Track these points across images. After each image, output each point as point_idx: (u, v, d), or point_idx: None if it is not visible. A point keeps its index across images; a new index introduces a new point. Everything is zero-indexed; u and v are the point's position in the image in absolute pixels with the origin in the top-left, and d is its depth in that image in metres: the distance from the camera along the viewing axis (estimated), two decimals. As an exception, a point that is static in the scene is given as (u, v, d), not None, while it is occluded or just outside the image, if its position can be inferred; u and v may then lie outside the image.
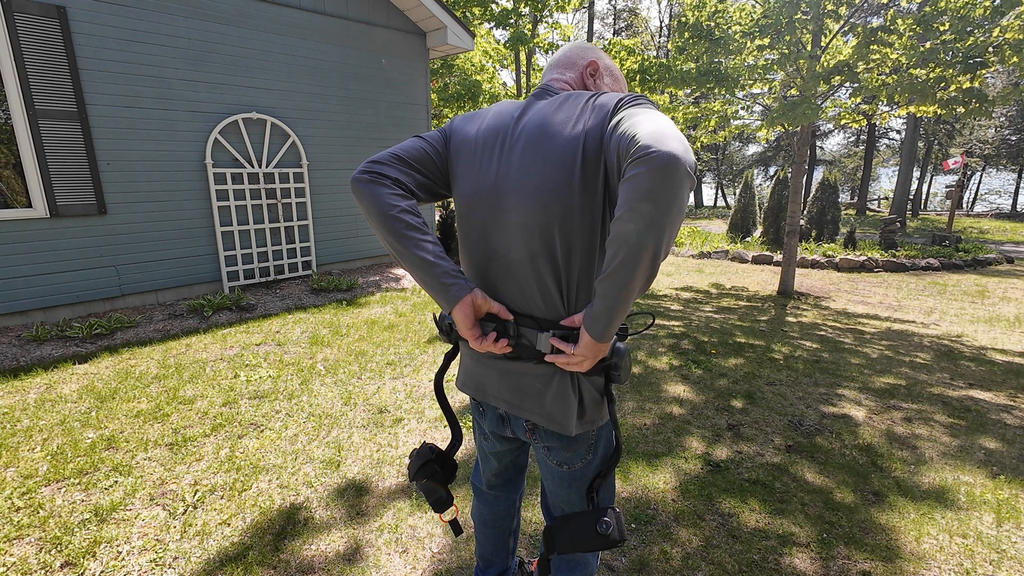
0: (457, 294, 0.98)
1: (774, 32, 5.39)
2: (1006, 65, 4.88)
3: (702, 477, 2.33)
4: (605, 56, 1.19)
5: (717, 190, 39.51)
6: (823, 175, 11.54)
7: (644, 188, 0.75)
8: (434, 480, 1.18)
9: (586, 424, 1.07)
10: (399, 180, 1.01)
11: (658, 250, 0.79)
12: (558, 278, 0.99)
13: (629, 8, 31.57)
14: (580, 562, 1.28)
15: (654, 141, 0.75)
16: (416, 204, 1.03)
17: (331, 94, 6.06)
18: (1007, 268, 9.38)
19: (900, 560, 1.85)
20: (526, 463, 1.47)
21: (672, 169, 0.74)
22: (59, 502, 2.08)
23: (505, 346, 1.02)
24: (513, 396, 1.10)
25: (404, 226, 0.96)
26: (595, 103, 0.96)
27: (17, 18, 3.97)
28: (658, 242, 0.78)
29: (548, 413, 1.05)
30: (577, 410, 1.05)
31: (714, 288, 6.96)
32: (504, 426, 1.20)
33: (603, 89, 1.16)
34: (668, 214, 0.76)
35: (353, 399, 3.05)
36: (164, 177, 4.89)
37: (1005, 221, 21.77)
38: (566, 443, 1.10)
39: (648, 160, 0.74)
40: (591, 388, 1.05)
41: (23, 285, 4.22)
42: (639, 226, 0.77)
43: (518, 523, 1.58)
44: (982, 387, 3.57)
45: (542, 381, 1.05)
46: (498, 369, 1.11)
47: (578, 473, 1.14)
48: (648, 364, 3.74)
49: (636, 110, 0.88)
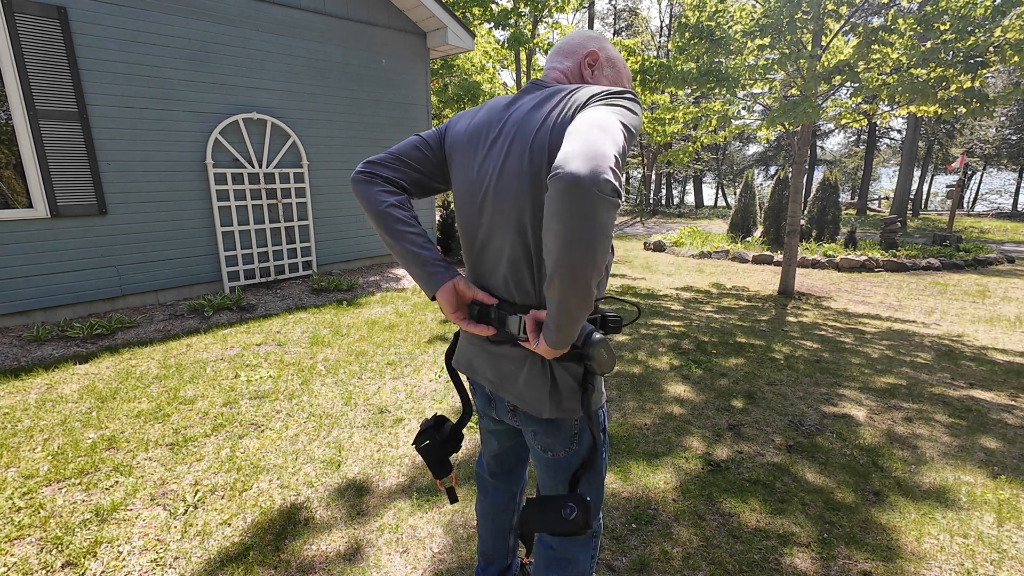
0: (437, 281, 1.05)
1: (775, 32, 5.38)
2: (1007, 65, 4.88)
3: (702, 477, 2.33)
4: (608, 46, 1.17)
5: (717, 190, 39.53)
6: (824, 175, 11.53)
7: (552, 208, 0.75)
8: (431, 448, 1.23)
9: (564, 411, 1.07)
10: (390, 178, 1.10)
11: (578, 271, 0.77)
12: (531, 269, 1.02)
13: (629, 8, 31.57)
14: (570, 560, 1.27)
15: (564, 161, 0.74)
16: (407, 200, 1.11)
17: (331, 94, 6.06)
18: (1008, 268, 9.37)
19: (901, 560, 1.85)
20: (527, 456, 1.47)
21: (571, 192, 0.73)
22: (60, 502, 2.08)
23: (488, 330, 1.07)
24: (495, 376, 1.15)
25: (392, 220, 1.06)
26: (572, 97, 0.96)
27: (17, 18, 3.97)
28: (574, 262, 0.77)
29: (520, 393, 1.09)
30: (551, 394, 1.06)
31: (714, 288, 6.96)
32: (491, 406, 1.24)
33: (600, 81, 1.14)
34: (580, 234, 0.74)
35: (354, 399, 3.05)
36: (164, 177, 4.89)
37: (1006, 221, 21.76)
38: (547, 428, 1.12)
39: (554, 181, 0.74)
40: (566, 374, 1.06)
41: (24, 285, 4.22)
42: (555, 245, 0.77)
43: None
44: (983, 387, 3.56)
45: (517, 363, 1.09)
46: (485, 351, 1.15)
47: (563, 462, 1.16)
48: (648, 364, 3.74)
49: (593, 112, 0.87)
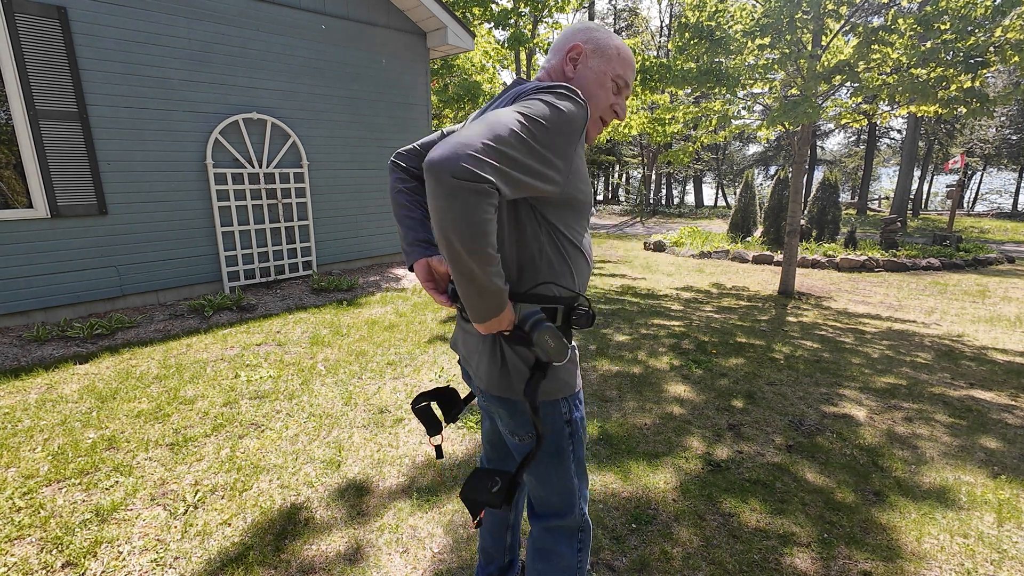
0: (413, 258, 1.20)
1: (775, 32, 5.38)
2: (1007, 65, 4.87)
3: (703, 477, 2.33)
4: (599, 35, 1.14)
5: (717, 190, 39.53)
6: (824, 175, 11.52)
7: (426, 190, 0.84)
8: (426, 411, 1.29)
9: (516, 393, 1.11)
10: (406, 167, 1.27)
11: (452, 249, 0.83)
12: None
13: (629, 8, 31.57)
14: (553, 552, 1.28)
15: (434, 149, 0.81)
16: (419, 186, 1.26)
17: (331, 94, 6.06)
18: (1008, 268, 9.37)
19: (901, 560, 1.85)
20: None
21: (428, 176, 0.80)
22: (60, 502, 2.08)
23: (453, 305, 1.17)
24: (465, 351, 1.24)
25: (396, 204, 1.26)
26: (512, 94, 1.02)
27: (18, 18, 3.97)
28: (447, 240, 0.83)
29: (477, 367, 1.17)
30: (501, 373, 1.11)
31: (715, 288, 6.96)
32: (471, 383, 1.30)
33: (585, 75, 1.13)
34: (445, 217, 0.81)
35: (354, 399, 3.05)
36: (165, 177, 4.89)
37: (1006, 221, 21.76)
38: (504, 409, 1.16)
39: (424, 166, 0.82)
40: (516, 357, 1.10)
41: (24, 285, 4.22)
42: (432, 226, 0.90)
43: (517, 519, 1.58)
44: (983, 387, 3.56)
45: (478, 339, 1.16)
46: (461, 328, 1.25)
47: (527, 448, 1.18)
48: (649, 364, 3.74)
49: (511, 106, 0.92)
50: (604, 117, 1.17)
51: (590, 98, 1.12)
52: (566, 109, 0.91)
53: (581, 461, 1.24)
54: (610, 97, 1.15)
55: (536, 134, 0.86)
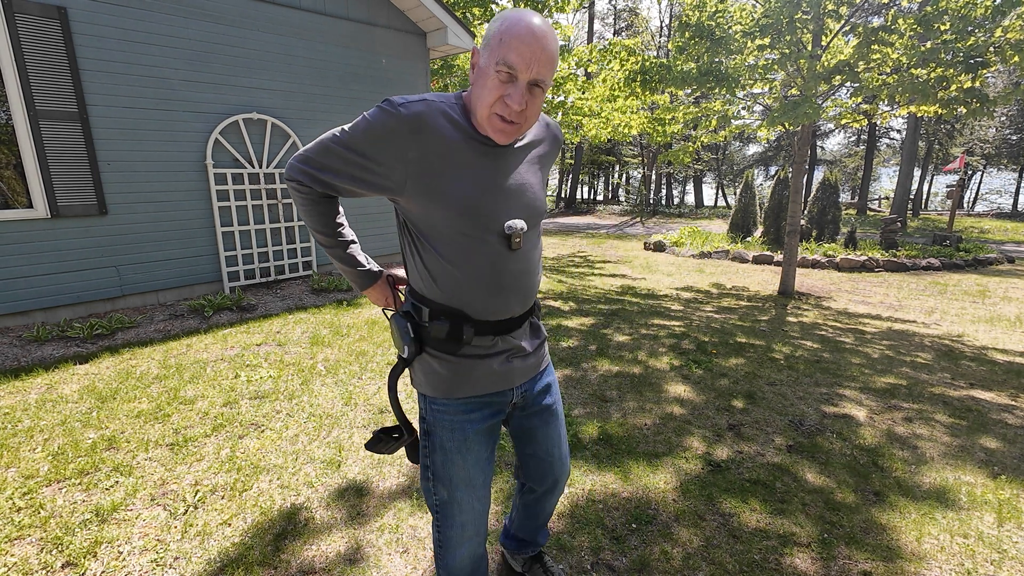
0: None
1: (775, 32, 5.38)
2: (1007, 65, 4.87)
3: (703, 477, 2.33)
4: (491, 26, 1.01)
5: (717, 190, 39.53)
6: (824, 175, 11.52)
7: None
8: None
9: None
10: None
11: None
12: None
13: (629, 8, 31.57)
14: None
15: None
16: None
17: (331, 94, 6.06)
18: (1008, 268, 9.37)
19: (901, 560, 1.85)
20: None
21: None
22: (60, 502, 2.08)
23: None
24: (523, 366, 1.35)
25: None
26: None
27: (18, 19, 3.97)
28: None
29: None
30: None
31: (715, 288, 6.96)
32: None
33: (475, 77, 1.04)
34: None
35: (354, 399, 3.05)
36: (165, 177, 4.89)
37: (1006, 221, 21.76)
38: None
39: None
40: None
41: (24, 285, 4.22)
42: None
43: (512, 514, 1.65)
44: (983, 387, 3.56)
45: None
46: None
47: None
48: (649, 364, 3.74)
49: None
50: (501, 113, 1.01)
51: (476, 99, 1.02)
52: (367, 116, 1.04)
53: (438, 467, 1.21)
54: (496, 90, 0.99)
55: (340, 139, 1.07)
